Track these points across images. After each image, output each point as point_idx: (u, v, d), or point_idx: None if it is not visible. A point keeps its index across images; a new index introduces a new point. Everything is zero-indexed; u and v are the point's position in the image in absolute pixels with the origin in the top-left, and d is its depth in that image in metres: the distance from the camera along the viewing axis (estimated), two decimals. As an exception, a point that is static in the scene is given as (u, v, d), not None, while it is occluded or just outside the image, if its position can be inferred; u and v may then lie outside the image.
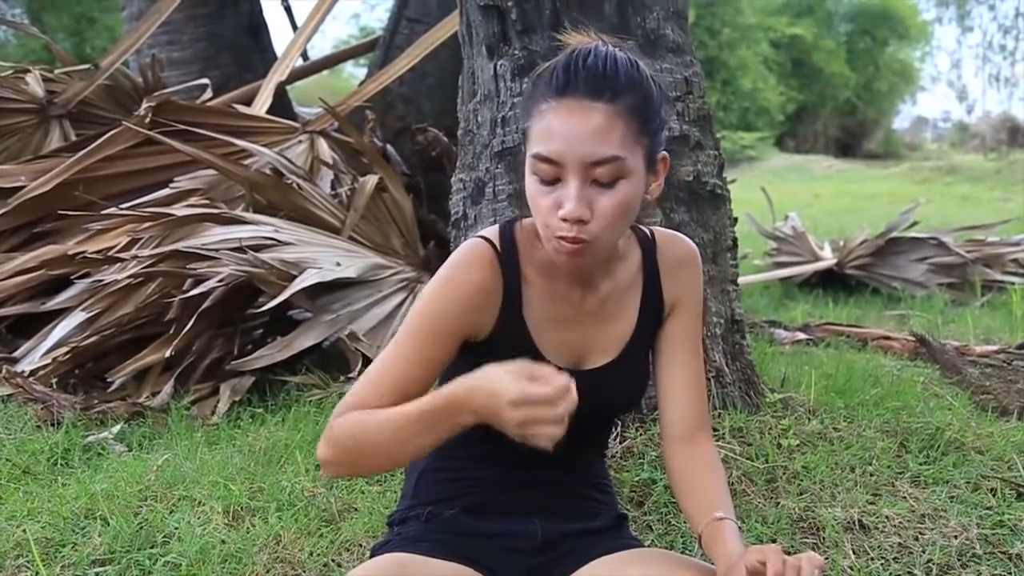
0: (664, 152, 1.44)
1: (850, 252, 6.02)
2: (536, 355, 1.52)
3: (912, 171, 20.38)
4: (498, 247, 1.50)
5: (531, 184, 1.40)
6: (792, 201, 12.02)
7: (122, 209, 3.62)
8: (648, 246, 1.60)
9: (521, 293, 1.51)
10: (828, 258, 6.13)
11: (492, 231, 1.53)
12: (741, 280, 2.99)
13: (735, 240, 2.90)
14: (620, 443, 2.48)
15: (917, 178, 18.88)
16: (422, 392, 1.43)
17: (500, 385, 1.27)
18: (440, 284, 1.49)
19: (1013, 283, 5.45)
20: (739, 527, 1.65)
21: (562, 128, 1.34)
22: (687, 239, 1.64)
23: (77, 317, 3.38)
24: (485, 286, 1.48)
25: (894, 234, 5.99)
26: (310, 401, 3.08)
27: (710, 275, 2.76)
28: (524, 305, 1.52)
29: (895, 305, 5.41)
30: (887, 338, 4.05)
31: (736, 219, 2.96)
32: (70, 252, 3.55)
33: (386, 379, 1.46)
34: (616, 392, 1.59)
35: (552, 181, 1.37)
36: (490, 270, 1.49)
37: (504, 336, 1.51)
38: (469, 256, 1.49)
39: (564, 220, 1.36)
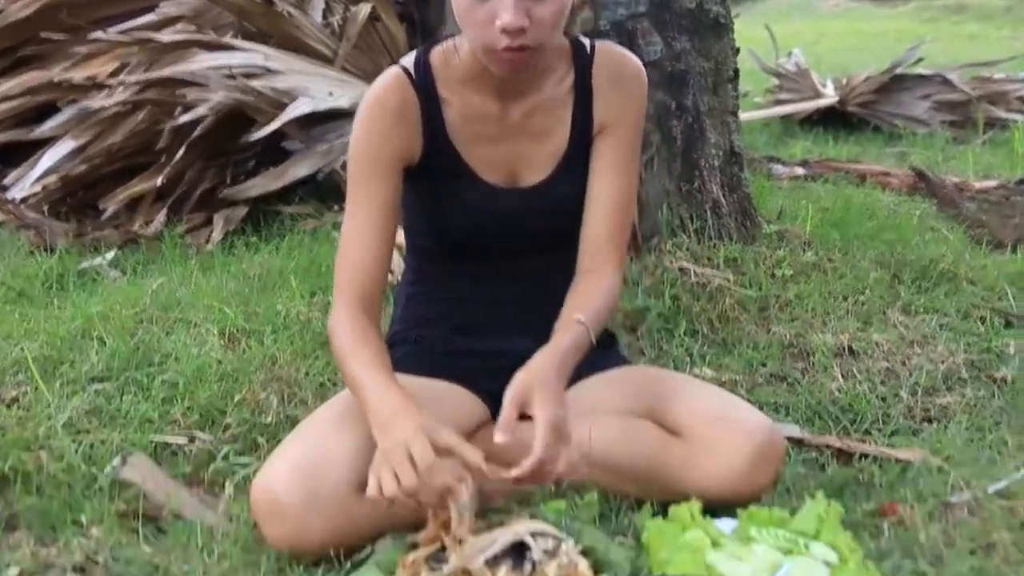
0: None
1: (853, 89, 5.89)
2: (469, 174, 1.54)
3: (920, 9, 19.71)
4: (411, 72, 1.51)
5: None
6: (796, 39, 11.63)
7: (108, 34, 3.50)
8: (584, 60, 1.56)
9: (441, 113, 1.52)
10: (830, 95, 6.00)
11: (407, 59, 1.55)
12: (741, 117, 2.92)
13: (736, 71, 2.82)
14: (614, 272, 2.48)
15: (925, 17, 18.30)
16: (390, 236, 1.51)
17: (392, 430, 1.32)
18: (359, 120, 1.52)
19: (1016, 121, 5.36)
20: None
21: None
22: (632, 56, 1.60)
23: (66, 145, 3.32)
24: (400, 106, 1.50)
25: (899, 71, 5.84)
26: (304, 230, 3.06)
27: (710, 106, 2.71)
28: (447, 126, 1.52)
29: (896, 143, 5.33)
30: (886, 174, 4.02)
31: (738, 49, 2.87)
32: (56, 79, 3.45)
33: (351, 248, 1.52)
34: (556, 210, 1.58)
35: None
36: (403, 91, 1.50)
37: (435, 158, 1.53)
38: (381, 84, 1.52)
39: (504, 32, 1.34)
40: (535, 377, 1.39)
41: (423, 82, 1.52)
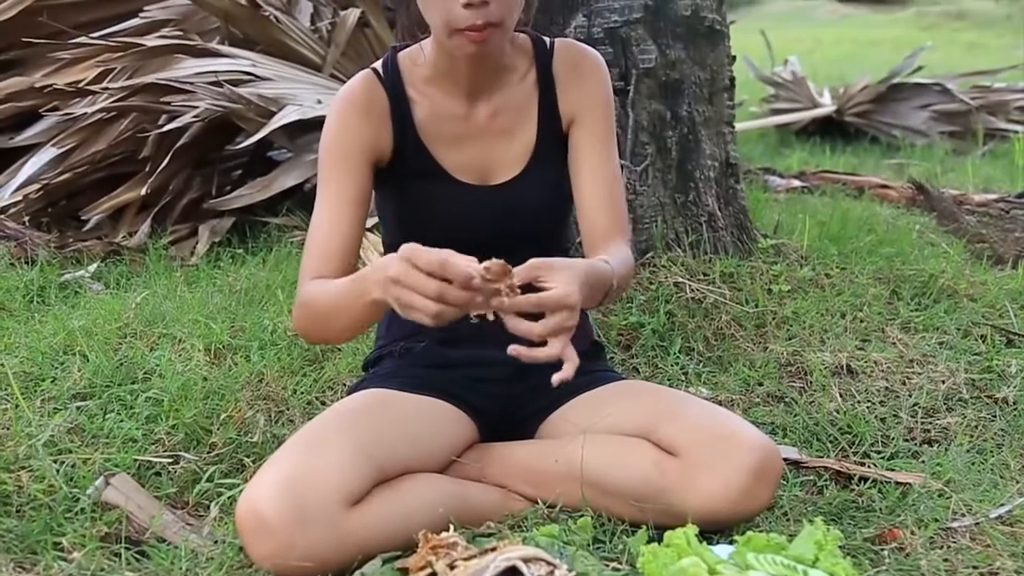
0: None
1: (850, 98, 5.87)
2: (442, 173, 1.58)
3: (919, 16, 19.78)
4: (380, 72, 1.57)
5: None
6: (793, 47, 11.66)
7: (92, 39, 3.45)
8: (544, 58, 1.62)
9: (411, 112, 1.56)
10: (827, 105, 5.98)
11: (376, 63, 1.60)
12: (737, 127, 2.89)
13: (732, 80, 2.79)
14: (608, 286, 2.44)
15: (924, 24, 18.35)
16: (359, 227, 1.54)
17: (388, 261, 1.31)
18: (328, 118, 1.56)
19: (1017, 132, 5.34)
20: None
21: None
22: (589, 48, 1.66)
23: (48, 153, 3.26)
24: (367, 102, 1.54)
25: (897, 80, 5.82)
26: (292, 242, 3.02)
27: (706, 116, 2.67)
28: (417, 124, 1.56)
29: (894, 154, 5.31)
30: (884, 186, 3.99)
31: (734, 58, 2.84)
32: (37, 84, 3.39)
33: (320, 235, 1.53)
34: (527, 207, 1.61)
35: None
36: (371, 89, 1.55)
37: (407, 156, 1.57)
38: (351, 84, 1.57)
39: (468, 6, 1.39)
40: (559, 260, 1.38)
41: (391, 82, 1.56)
